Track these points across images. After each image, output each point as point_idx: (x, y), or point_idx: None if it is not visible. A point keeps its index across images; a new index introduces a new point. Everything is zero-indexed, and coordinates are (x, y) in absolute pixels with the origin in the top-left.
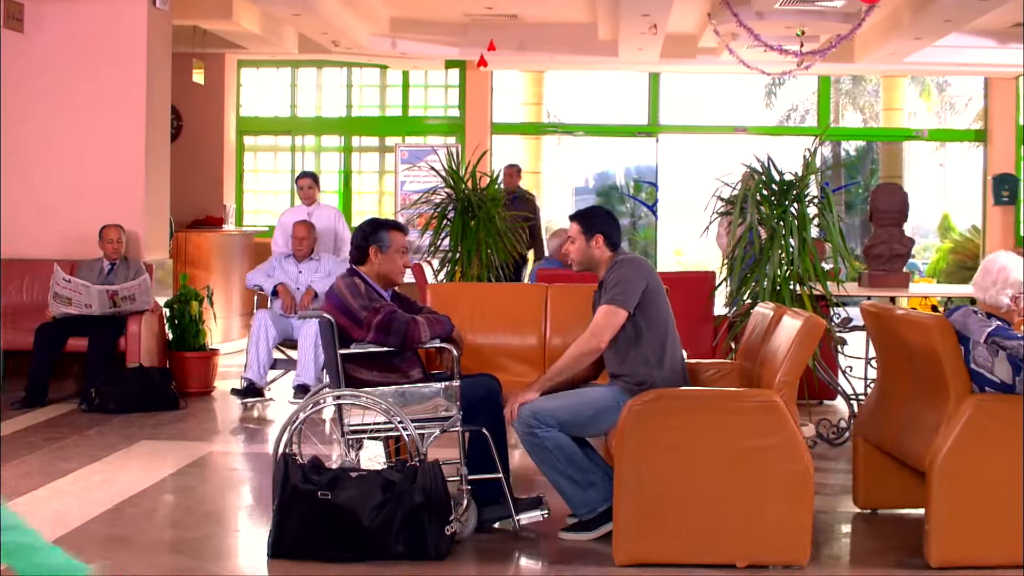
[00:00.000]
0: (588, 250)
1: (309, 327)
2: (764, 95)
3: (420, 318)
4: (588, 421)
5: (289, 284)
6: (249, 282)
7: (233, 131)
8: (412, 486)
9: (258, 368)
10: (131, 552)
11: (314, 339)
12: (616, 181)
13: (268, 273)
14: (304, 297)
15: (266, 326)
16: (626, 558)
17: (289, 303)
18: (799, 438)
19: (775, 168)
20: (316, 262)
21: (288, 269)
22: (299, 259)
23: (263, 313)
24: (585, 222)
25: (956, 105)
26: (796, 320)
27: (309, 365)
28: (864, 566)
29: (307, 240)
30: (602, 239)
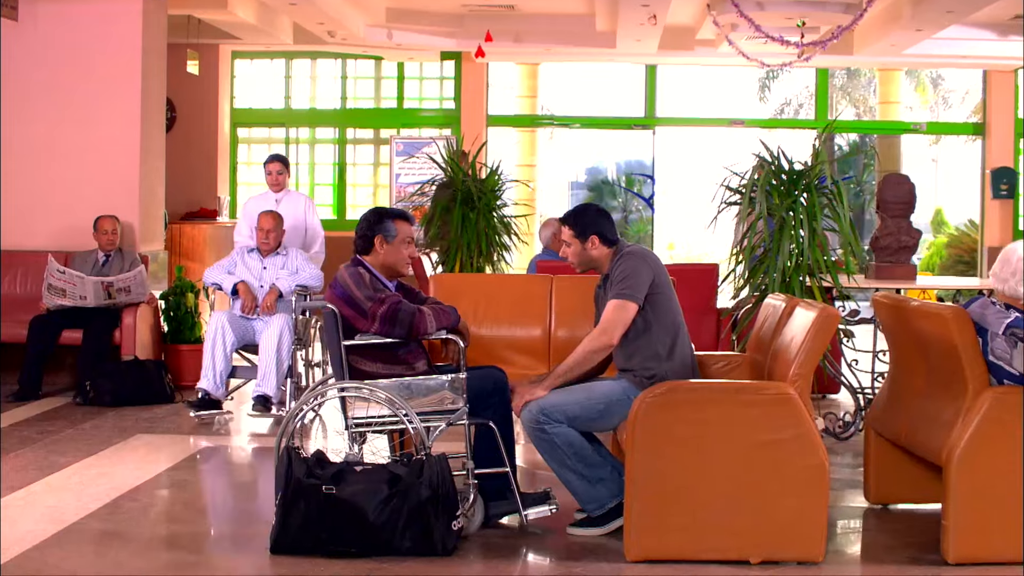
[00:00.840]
0: (585, 252)
1: (272, 330)
2: (758, 89)
3: (426, 309)
4: (598, 416)
5: (252, 282)
6: (207, 279)
7: (227, 123)
8: (418, 480)
9: (214, 377)
10: (129, 548)
11: (276, 344)
12: (608, 175)
13: (228, 269)
14: (267, 297)
15: (223, 330)
16: (638, 553)
17: (250, 303)
18: (814, 432)
19: (785, 157)
20: (283, 257)
21: (251, 265)
22: (264, 253)
23: (220, 315)
24: (577, 225)
25: (950, 100)
26: (810, 311)
27: (271, 373)
28: (880, 562)
29: (274, 233)
30: (597, 239)
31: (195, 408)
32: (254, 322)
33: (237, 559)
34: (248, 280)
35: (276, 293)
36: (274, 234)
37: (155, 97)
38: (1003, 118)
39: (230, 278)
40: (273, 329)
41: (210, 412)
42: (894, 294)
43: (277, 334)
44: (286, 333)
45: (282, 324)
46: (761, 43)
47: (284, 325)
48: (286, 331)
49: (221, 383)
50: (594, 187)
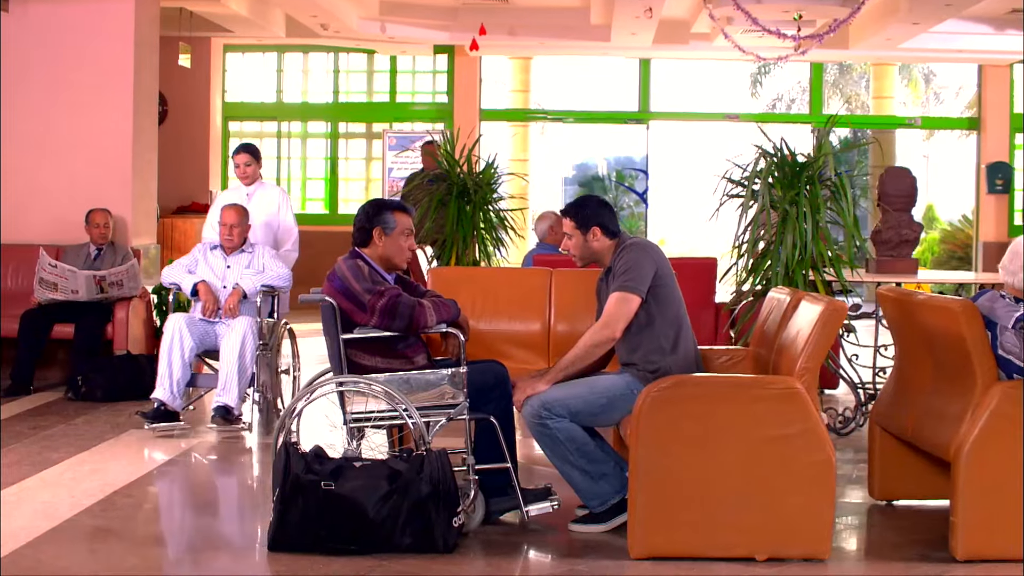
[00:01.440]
0: (587, 245)
1: (234, 334)
2: (750, 84)
3: (426, 302)
4: (600, 411)
5: (214, 282)
6: (165, 279)
7: (219, 116)
8: (419, 476)
9: (171, 386)
10: (124, 545)
11: (239, 349)
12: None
13: (189, 268)
14: (230, 298)
15: (181, 334)
16: (642, 551)
17: (211, 305)
18: (821, 427)
19: (787, 149)
20: (248, 255)
21: (214, 263)
22: (228, 251)
23: (178, 318)
24: (578, 216)
25: (941, 95)
26: (816, 305)
27: (232, 382)
28: (887, 559)
29: (237, 228)
30: (599, 231)
31: (149, 420)
32: (216, 326)
33: (234, 556)
34: (210, 280)
35: (239, 294)
36: (238, 230)
37: (147, 90)
38: (998, 113)
39: (190, 277)
40: (235, 333)
41: (167, 425)
42: (900, 287)
43: (240, 339)
44: (250, 338)
45: (245, 328)
46: (757, 37)
47: (248, 329)
48: (250, 335)
49: (179, 393)
50: (584, 182)
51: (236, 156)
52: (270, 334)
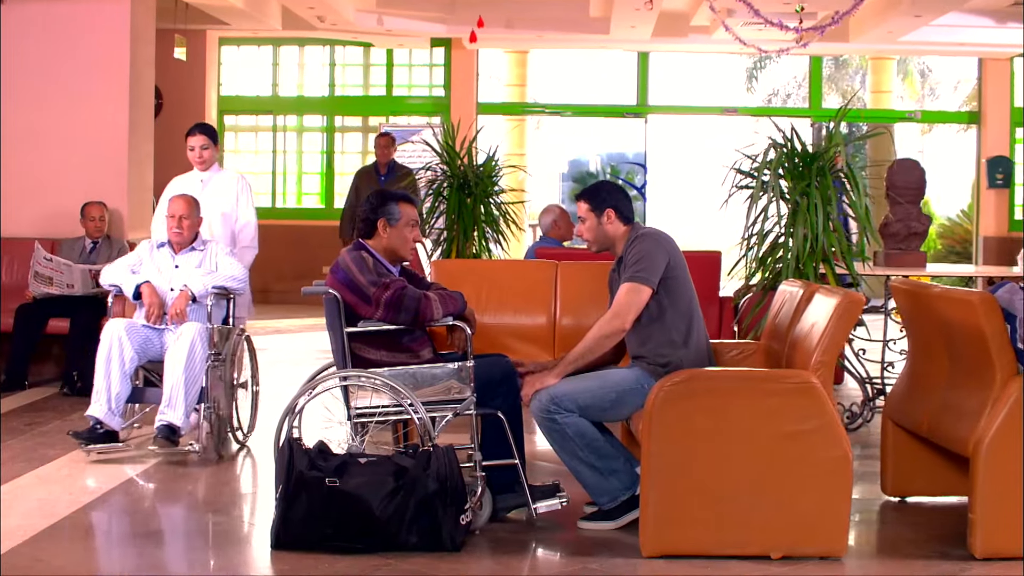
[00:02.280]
0: (601, 228)
1: (181, 343)
2: (746, 79)
3: (432, 294)
4: (610, 405)
5: (161, 283)
6: (104, 280)
7: (214, 110)
8: (425, 473)
9: (108, 402)
10: (123, 543)
11: (186, 359)
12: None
13: (133, 267)
14: (176, 301)
15: (120, 343)
16: (654, 549)
17: (156, 310)
18: (838, 422)
19: (799, 139)
20: (200, 253)
21: (161, 262)
22: (177, 248)
23: (117, 324)
24: (593, 199)
25: (937, 90)
26: (831, 297)
27: (177, 397)
28: (905, 557)
29: (188, 220)
30: (613, 213)
31: (84, 440)
32: (161, 333)
33: (236, 554)
34: (156, 281)
35: (187, 297)
36: (188, 222)
37: (143, 81)
38: (999, 106)
39: (133, 278)
40: (182, 342)
41: (105, 446)
42: (915, 280)
43: (187, 348)
44: (199, 346)
45: (194, 336)
46: (757, 29)
47: (196, 337)
48: (199, 343)
49: (118, 409)
50: (578, 178)
51: (191, 137)
52: (223, 342)
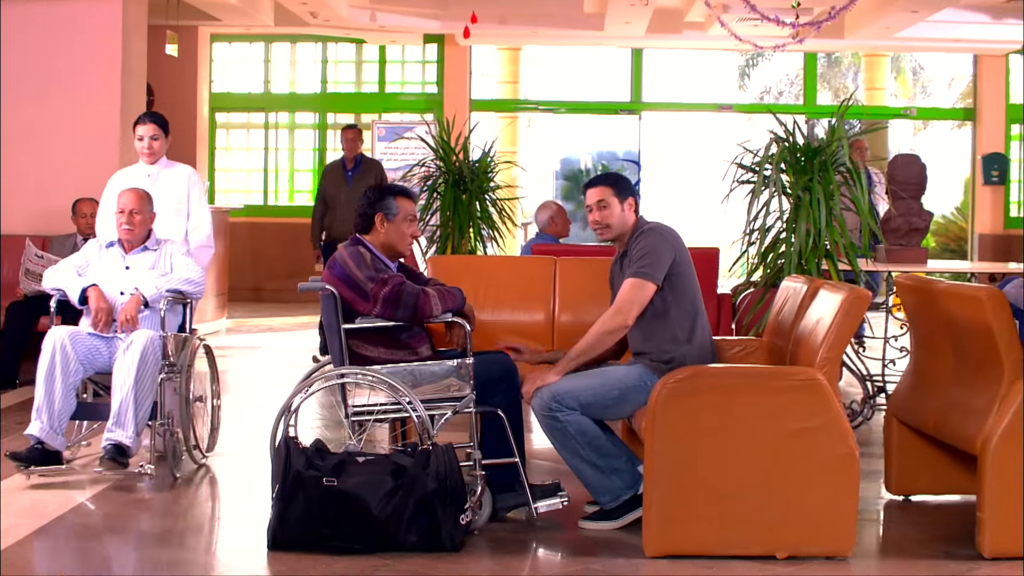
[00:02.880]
0: (623, 215)
1: (131, 352)
2: (738, 76)
3: (431, 290)
4: (612, 403)
5: (110, 287)
6: (47, 284)
7: (206, 107)
8: (424, 472)
9: (50, 419)
10: (116, 544)
11: (137, 371)
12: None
13: (79, 269)
14: (126, 307)
15: (64, 353)
16: (657, 549)
17: (104, 316)
18: (844, 419)
19: (801, 133)
20: (153, 253)
21: (110, 263)
22: (127, 247)
23: (60, 332)
24: (618, 185)
25: (929, 88)
26: (836, 293)
27: (127, 414)
28: (911, 557)
29: (139, 216)
30: (634, 202)
31: (23, 463)
32: (110, 341)
33: (233, 555)
34: (104, 284)
35: (138, 302)
36: (140, 217)
37: (136, 77)
38: (994, 103)
39: (79, 281)
40: (133, 351)
41: (46, 468)
42: (920, 275)
43: (138, 358)
44: (151, 357)
45: (145, 345)
46: (752, 25)
47: (149, 346)
48: (151, 354)
49: (60, 427)
50: (569, 176)
51: (139, 126)
52: (179, 352)
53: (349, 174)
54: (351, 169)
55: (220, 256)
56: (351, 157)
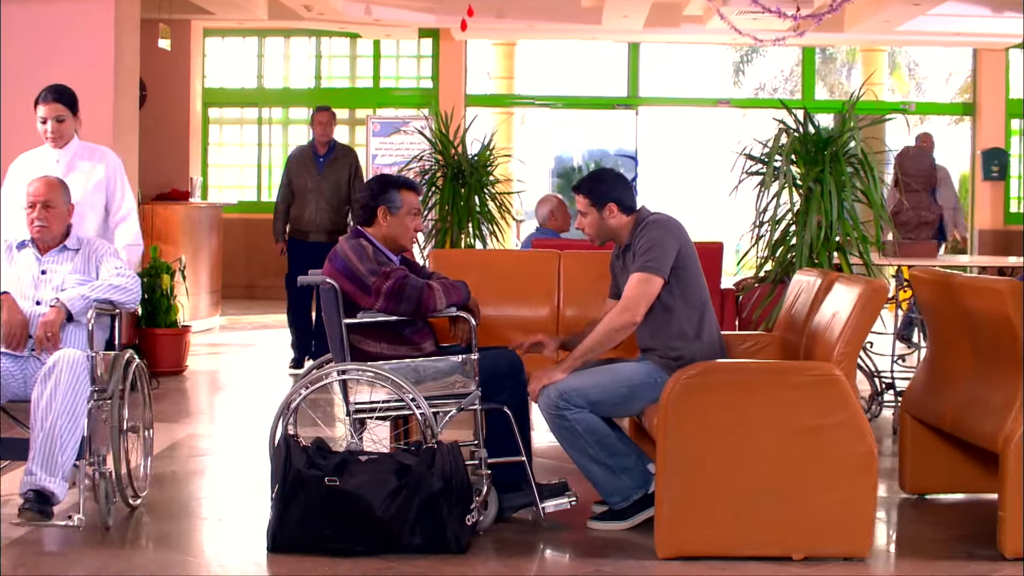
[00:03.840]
0: (602, 222)
1: (53, 376)
2: (732, 73)
3: (435, 284)
4: (621, 400)
5: (24, 297)
6: None
7: (199, 102)
8: (430, 471)
9: None
10: (111, 547)
11: (61, 400)
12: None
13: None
14: (46, 321)
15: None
16: (670, 550)
17: (18, 331)
18: (862, 416)
19: (812, 123)
20: (75, 253)
21: (22, 268)
22: (43, 248)
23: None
24: (592, 193)
25: (924, 85)
26: (853, 286)
27: (50, 453)
28: (931, 558)
29: (55, 209)
30: (615, 207)
31: None
32: (26, 363)
33: (231, 558)
34: (16, 293)
35: (60, 314)
36: (55, 211)
37: (128, 69)
38: (994, 98)
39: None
40: (55, 376)
41: None
42: (936, 269)
43: (62, 384)
44: (78, 381)
45: (71, 365)
46: (752, 18)
47: (75, 368)
48: (78, 377)
49: None
50: (562, 173)
51: (42, 105)
52: (110, 374)
53: (320, 161)
54: (323, 155)
55: (214, 253)
56: (323, 142)
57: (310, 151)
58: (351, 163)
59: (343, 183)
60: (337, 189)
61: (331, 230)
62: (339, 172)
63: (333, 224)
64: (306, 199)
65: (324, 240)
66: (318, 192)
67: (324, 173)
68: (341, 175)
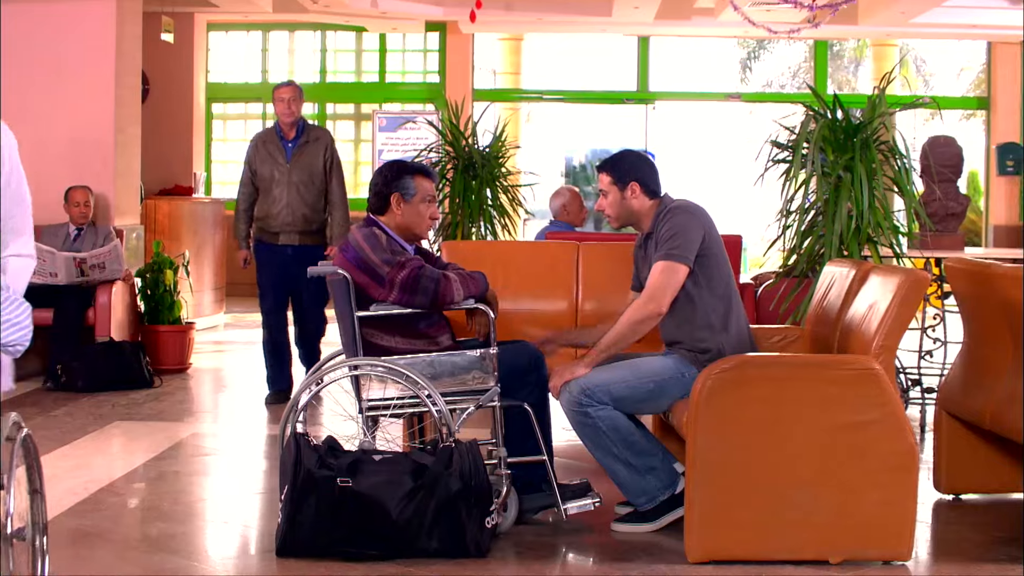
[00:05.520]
0: (624, 202)
1: None
2: (740, 70)
3: (451, 274)
4: (647, 396)
5: None
6: None
7: (202, 97)
8: (447, 471)
9: None
10: (112, 549)
11: None
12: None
13: None
14: None
15: None
16: (701, 554)
17: None
18: (902, 412)
19: (841, 108)
20: None
21: None
22: None
23: None
24: (616, 170)
25: (931, 82)
26: (891, 277)
27: None
28: (975, 561)
29: None
30: (638, 187)
31: None
32: None
33: (238, 563)
34: None
35: None
36: None
37: (130, 61)
38: (1009, 92)
39: None
40: None
41: None
42: (973, 259)
43: None
44: None
45: None
46: (766, 10)
47: None
48: None
49: None
50: (567, 172)
51: None
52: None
53: (289, 147)
54: (291, 140)
55: (217, 249)
56: (289, 123)
57: (275, 136)
58: (326, 147)
59: (317, 172)
60: (310, 180)
61: (304, 230)
62: (312, 159)
63: (307, 223)
64: (273, 194)
65: (297, 243)
66: (287, 184)
67: (294, 161)
68: (314, 163)
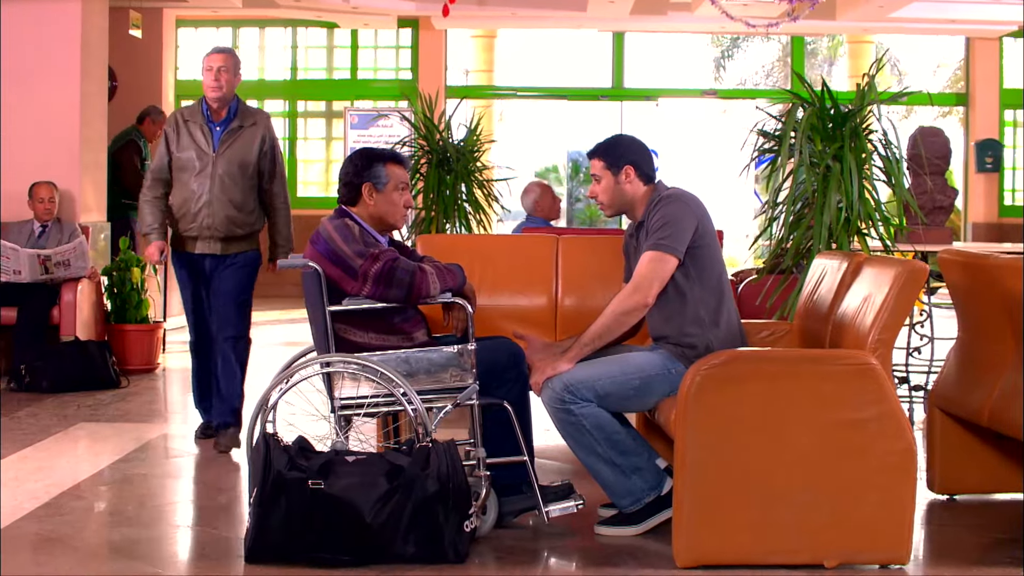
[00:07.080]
0: (618, 187)
1: None
2: (714, 69)
3: (427, 267)
4: (634, 393)
5: None
6: None
7: (171, 94)
8: (424, 472)
9: None
10: (74, 556)
11: None
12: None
13: None
14: None
15: None
16: (689, 558)
17: None
18: (900, 410)
19: (829, 95)
20: None
21: None
22: None
23: None
24: (609, 154)
25: (904, 80)
26: (887, 268)
27: None
28: (976, 564)
29: None
30: (633, 171)
31: None
32: None
33: (204, 569)
34: None
35: None
36: None
37: (96, 54)
38: (988, 88)
39: None
40: None
41: None
42: (968, 250)
43: None
44: None
45: None
46: (743, 5)
47: None
48: None
49: None
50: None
51: None
52: None
53: (217, 131)
54: (220, 123)
55: None
56: (218, 98)
57: (200, 115)
58: (263, 134)
59: (249, 165)
60: (240, 174)
61: (229, 236)
62: (244, 149)
63: (231, 226)
64: (191, 188)
65: (219, 252)
66: (211, 177)
67: (221, 149)
68: (247, 153)
